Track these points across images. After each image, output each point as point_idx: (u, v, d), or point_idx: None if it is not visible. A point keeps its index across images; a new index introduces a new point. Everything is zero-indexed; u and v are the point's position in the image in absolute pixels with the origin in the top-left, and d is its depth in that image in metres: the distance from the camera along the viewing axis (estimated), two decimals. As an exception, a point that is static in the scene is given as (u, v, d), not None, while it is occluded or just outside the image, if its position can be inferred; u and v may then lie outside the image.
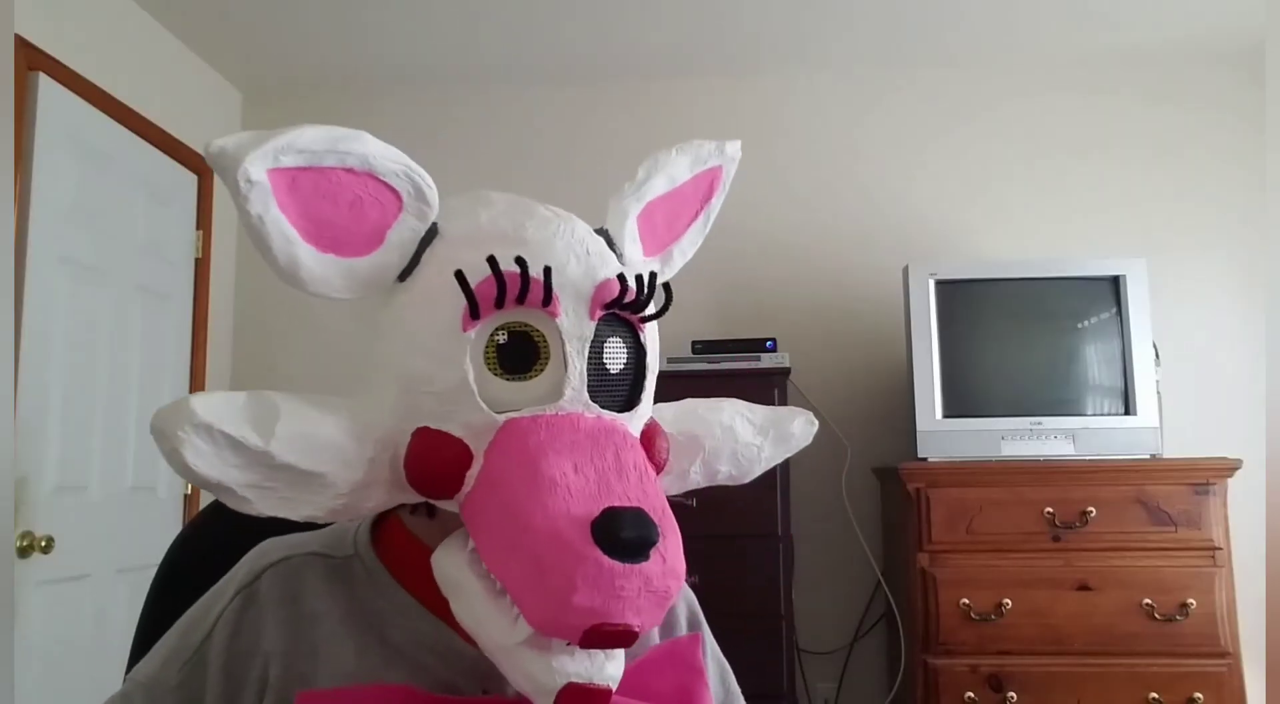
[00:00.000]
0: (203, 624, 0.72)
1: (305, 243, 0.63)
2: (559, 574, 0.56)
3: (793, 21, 2.72)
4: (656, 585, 0.58)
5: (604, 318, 0.67)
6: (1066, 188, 2.93)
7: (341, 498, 0.64)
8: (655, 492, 0.63)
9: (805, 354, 2.81)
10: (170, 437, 0.62)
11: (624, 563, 0.57)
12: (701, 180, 0.80)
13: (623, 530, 0.57)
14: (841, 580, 2.82)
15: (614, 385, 0.68)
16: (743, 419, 0.77)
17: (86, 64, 2.34)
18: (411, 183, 0.65)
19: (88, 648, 2.26)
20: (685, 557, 0.63)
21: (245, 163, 0.58)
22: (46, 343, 2.18)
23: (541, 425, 0.64)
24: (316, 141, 0.62)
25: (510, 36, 2.80)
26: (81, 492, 2.30)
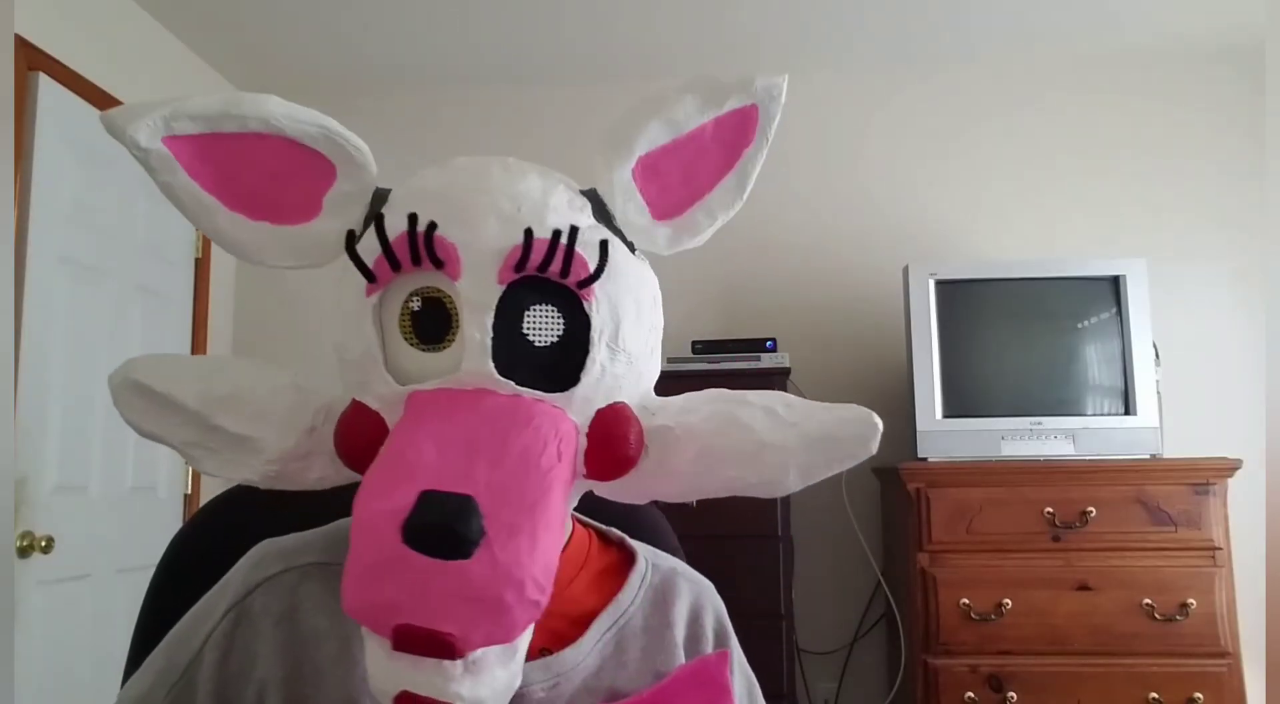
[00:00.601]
0: (191, 643, 0.66)
1: (230, 210, 0.62)
2: (361, 561, 0.51)
3: (793, 22, 2.72)
4: (479, 590, 0.50)
5: (527, 283, 0.60)
6: (1067, 188, 2.93)
7: (273, 464, 0.62)
8: (534, 484, 0.54)
9: (805, 354, 2.81)
10: (112, 391, 0.63)
11: (431, 558, 0.50)
12: (728, 124, 0.66)
13: (426, 519, 0.50)
14: (841, 580, 2.82)
15: (539, 360, 0.60)
16: (768, 414, 0.62)
17: (86, 64, 2.34)
18: (334, 145, 0.63)
19: (88, 648, 2.26)
20: (556, 560, 0.54)
21: (130, 131, 0.59)
22: (46, 343, 2.18)
23: (434, 399, 0.59)
24: (208, 107, 0.61)
25: (508, 36, 2.80)
26: (81, 492, 2.30)
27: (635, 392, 0.64)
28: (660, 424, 0.62)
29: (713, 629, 0.75)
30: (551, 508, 0.54)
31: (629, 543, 0.77)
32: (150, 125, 0.59)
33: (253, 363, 0.64)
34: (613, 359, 0.61)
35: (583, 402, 0.61)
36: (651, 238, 0.67)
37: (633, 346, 0.63)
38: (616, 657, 0.70)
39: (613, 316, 0.61)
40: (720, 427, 0.62)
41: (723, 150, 0.66)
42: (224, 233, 0.63)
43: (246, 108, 0.61)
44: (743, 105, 0.65)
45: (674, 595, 0.74)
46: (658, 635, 0.71)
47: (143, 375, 0.62)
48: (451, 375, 0.59)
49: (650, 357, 0.66)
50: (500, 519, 0.52)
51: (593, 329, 0.61)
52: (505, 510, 0.52)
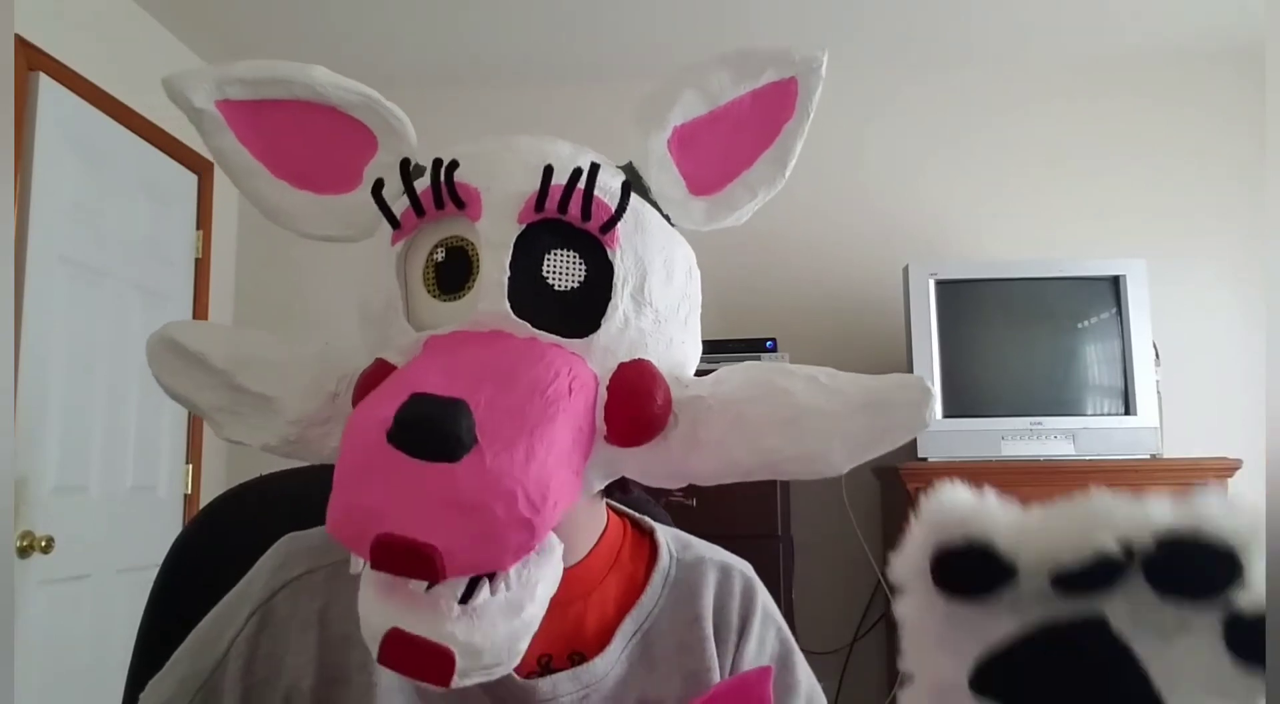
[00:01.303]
0: (216, 647, 0.64)
1: (275, 177, 0.63)
2: (346, 465, 0.49)
3: (793, 22, 2.72)
4: (463, 496, 0.46)
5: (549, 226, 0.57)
6: (1066, 188, 2.93)
7: (294, 426, 0.60)
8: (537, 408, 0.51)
9: (805, 354, 2.81)
10: (148, 351, 0.64)
11: (415, 459, 0.46)
12: (767, 97, 0.64)
13: (410, 415, 0.47)
14: (841, 580, 2.82)
15: (559, 304, 0.57)
16: (809, 381, 0.57)
17: (86, 64, 2.34)
18: (375, 115, 0.63)
19: (88, 648, 2.26)
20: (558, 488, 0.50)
21: (187, 92, 0.61)
22: (46, 343, 2.18)
23: (448, 340, 0.57)
24: (257, 71, 0.62)
25: (509, 36, 2.81)
26: (81, 492, 2.30)
27: (665, 358, 0.60)
28: (693, 394, 0.58)
29: (737, 613, 0.71)
30: (554, 433, 0.51)
31: (657, 535, 0.73)
32: (205, 88, 0.61)
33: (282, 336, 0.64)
34: (638, 312, 0.58)
35: (603, 352, 0.57)
36: (688, 212, 0.64)
37: (661, 305, 0.60)
38: (645, 661, 0.67)
39: (638, 267, 0.59)
40: (757, 393, 0.57)
41: (762, 124, 0.64)
42: (267, 199, 0.64)
43: (294, 73, 0.62)
44: (781, 78, 0.63)
45: (700, 587, 0.71)
46: (686, 632, 0.69)
47: (178, 334, 0.64)
48: (468, 318, 0.57)
49: (683, 326, 0.62)
50: (495, 432, 0.48)
51: (615, 276, 0.58)
52: (504, 426, 0.49)
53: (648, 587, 0.70)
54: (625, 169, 0.63)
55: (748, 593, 0.72)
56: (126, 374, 2.46)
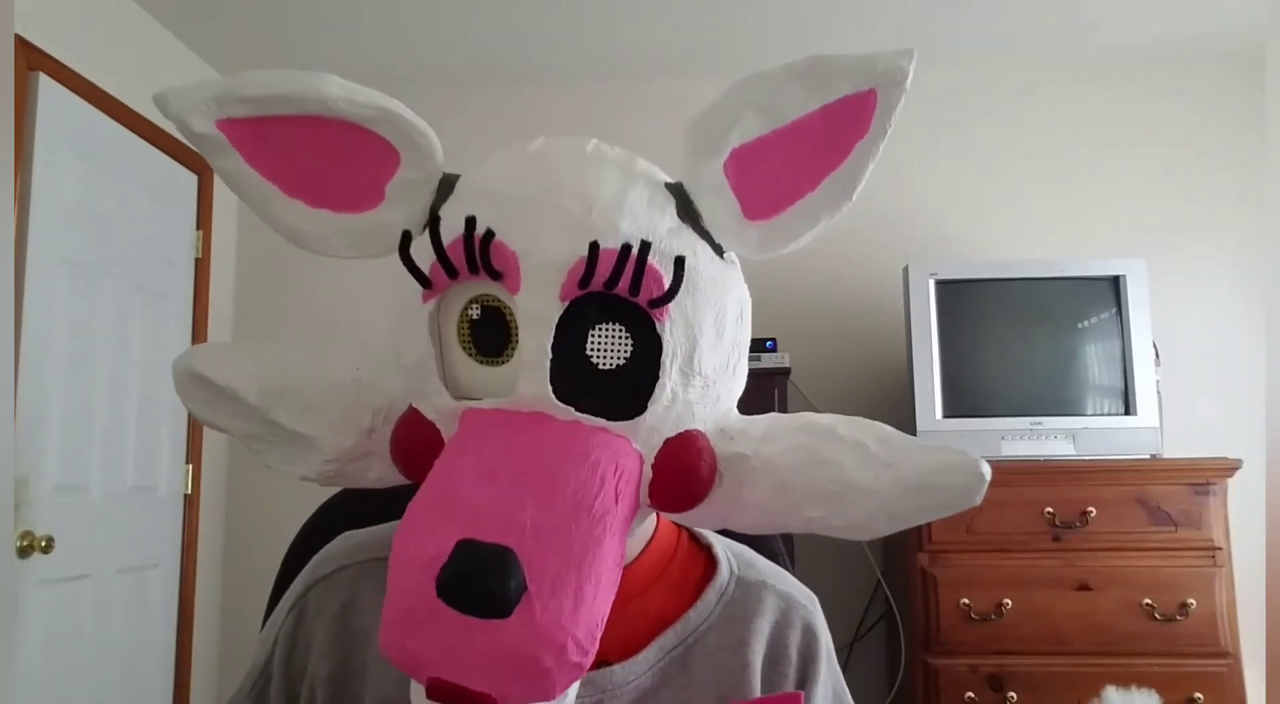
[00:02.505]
0: (267, 642, 0.68)
1: (288, 197, 0.59)
2: (394, 609, 0.48)
3: (793, 22, 2.72)
4: (514, 652, 0.46)
5: (593, 299, 0.54)
6: (1066, 188, 2.93)
7: (330, 464, 0.59)
8: (584, 533, 0.49)
9: (805, 354, 2.81)
10: (176, 382, 0.61)
11: (464, 615, 0.46)
12: (840, 113, 0.56)
13: (460, 573, 0.46)
14: (841, 580, 2.82)
15: (603, 385, 0.55)
16: (858, 450, 0.55)
17: (86, 64, 2.34)
18: (396, 129, 0.57)
19: (88, 648, 2.26)
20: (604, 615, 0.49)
21: (183, 115, 0.56)
22: (46, 343, 2.18)
23: (488, 421, 0.54)
24: (260, 88, 0.56)
25: (510, 36, 2.80)
26: (81, 492, 2.30)
27: (711, 416, 0.57)
28: (737, 451, 0.56)
29: (798, 650, 0.67)
30: (602, 560, 0.49)
31: (717, 550, 0.70)
32: (204, 108, 0.56)
33: (317, 353, 0.62)
34: (686, 385, 0.55)
35: (649, 431, 0.55)
36: (742, 240, 0.59)
37: (710, 369, 0.56)
38: (683, 677, 0.64)
39: (688, 337, 0.55)
40: (803, 461, 0.55)
41: (831, 143, 0.57)
42: (282, 220, 0.60)
43: (303, 89, 0.56)
44: (858, 91, 0.55)
45: (755, 611, 0.67)
46: (730, 655, 0.65)
47: (204, 367, 0.60)
48: (507, 396, 0.54)
49: (731, 376, 0.59)
50: (543, 572, 0.47)
51: (664, 353, 0.54)
52: (550, 561, 0.48)
53: (700, 601, 0.67)
54: (674, 190, 0.58)
55: (810, 632, 0.68)
56: (126, 374, 2.46)
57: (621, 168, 0.57)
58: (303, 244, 0.61)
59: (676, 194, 0.58)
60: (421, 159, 0.59)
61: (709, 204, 0.58)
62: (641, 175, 0.58)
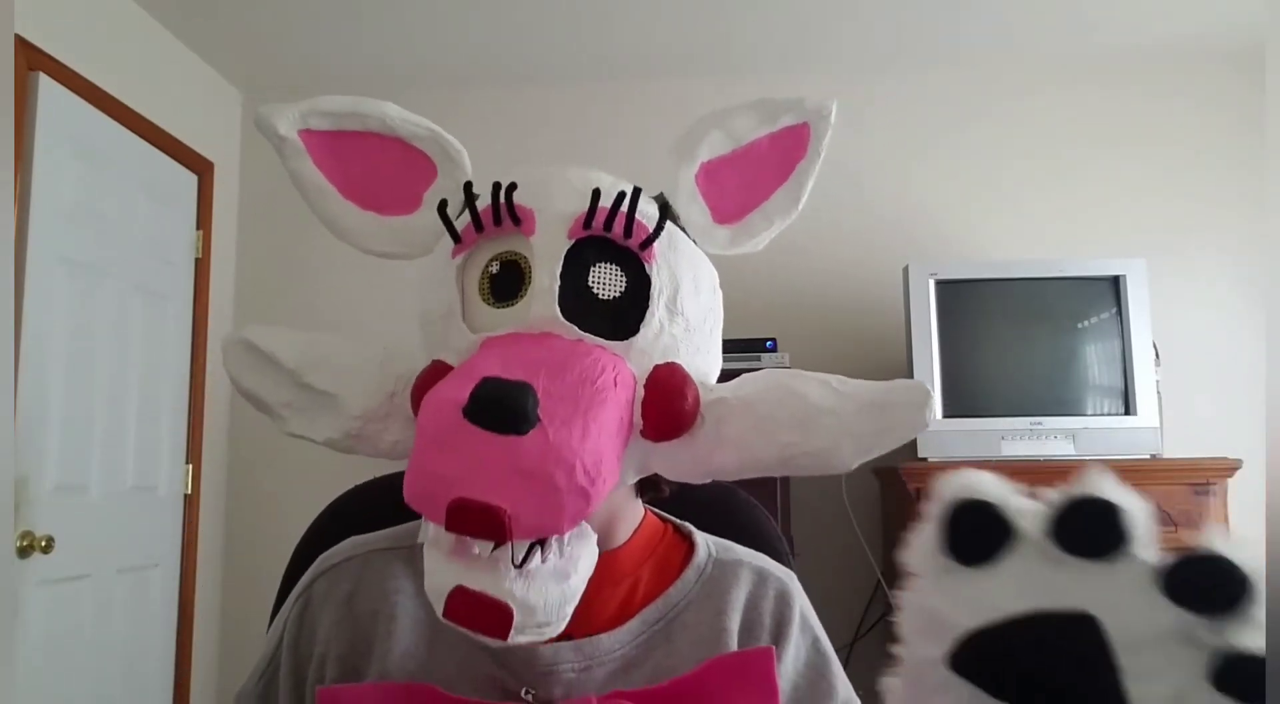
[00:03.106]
0: (275, 632, 0.74)
1: (344, 199, 0.71)
2: (425, 438, 0.56)
3: (792, 23, 2.72)
4: (528, 465, 0.53)
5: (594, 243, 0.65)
6: (1066, 188, 2.93)
7: (356, 421, 0.67)
8: (589, 394, 0.58)
9: (805, 354, 2.81)
10: (224, 349, 0.70)
11: (488, 431, 0.53)
12: (783, 139, 0.73)
13: (485, 394, 0.54)
14: (841, 580, 2.82)
15: (602, 311, 0.65)
16: (821, 384, 0.64)
17: (86, 64, 2.34)
18: (437, 146, 0.71)
19: (88, 648, 2.26)
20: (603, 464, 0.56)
21: (274, 121, 0.69)
22: (46, 343, 2.18)
23: (505, 338, 0.63)
24: (338, 105, 0.71)
25: (510, 36, 2.80)
26: (81, 492, 2.30)
27: (693, 364, 0.67)
28: (716, 396, 0.65)
29: (771, 615, 0.74)
30: (604, 415, 0.58)
31: (696, 537, 0.78)
32: (289, 118, 0.70)
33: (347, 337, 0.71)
34: (671, 320, 0.66)
35: (640, 353, 0.64)
36: (712, 238, 0.73)
37: (690, 315, 0.67)
38: (665, 647, 0.71)
39: (671, 280, 0.66)
40: (775, 396, 0.64)
41: (779, 162, 0.73)
42: (336, 218, 0.72)
43: (369, 108, 0.71)
44: (796, 122, 0.73)
45: (731, 585, 0.74)
46: (708, 626, 0.72)
47: (252, 335, 0.69)
48: (521, 322, 0.64)
49: (709, 336, 0.71)
50: (555, 413, 0.55)
51: (652, 288, 0.65)
52: (561, 407, 0.56)
53: (680, 580, 0.74)
54: (657, 199, 0.71)
55: (783, 598, 0.76)
56: (126, 374, 2.46)
57: (614, 178, 0.70)
58: (350, 240, 0.72)
59: (659, 200, 0.71)
60: (454, 170, 0.71)
61: (685, 206, 0.71)
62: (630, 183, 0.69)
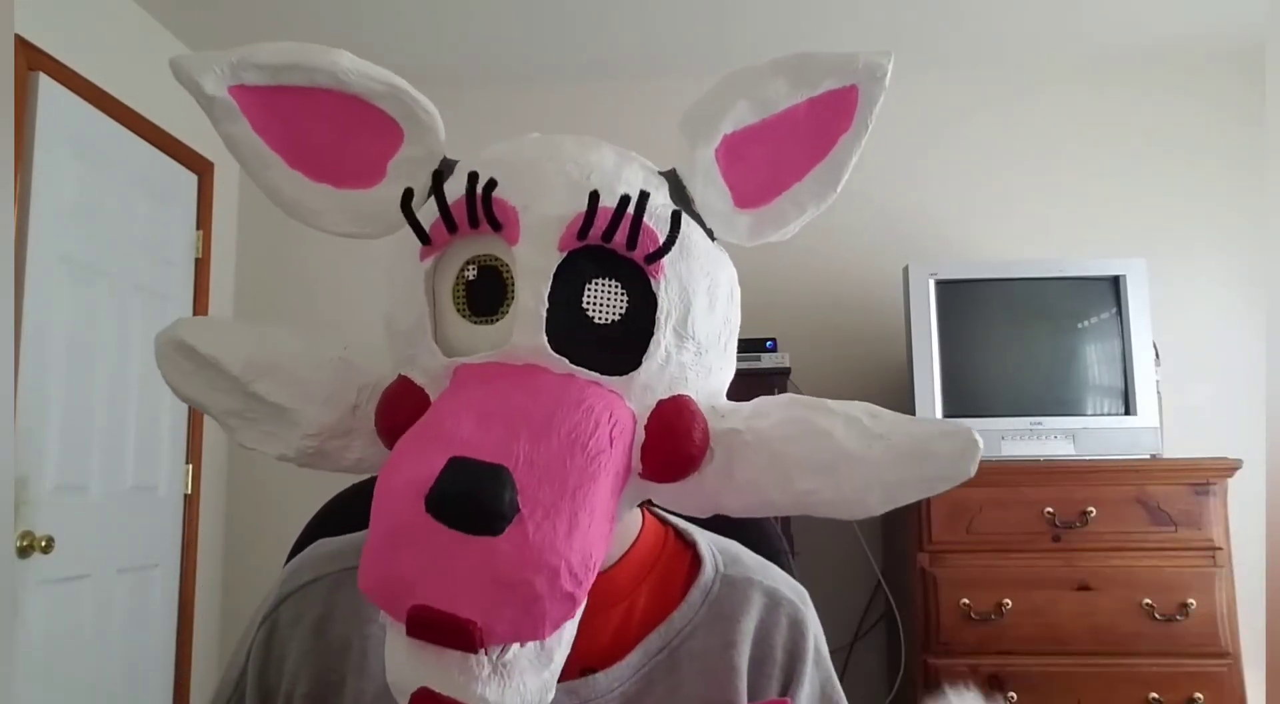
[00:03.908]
0: (238, 657, 0.67)
1: (290, 168, 0.59)
2: (381, 532, 0.46)
3: (792, 23, 2.72)
4: (504, 572, 0.44)
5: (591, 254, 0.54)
6: (1066, 188, 2.93)
7: (311, 439, 0.57)
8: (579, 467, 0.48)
9: (805, 354, 2.81)
10: (157, 351, 0.61)
11: (455, 531, 0.44)
12: (824, 106, 0.59)
13: (450, 486, 0.44)
14: (841, 580, 2.82)
15: (598, 339, 0.54)
16: (850, 423, 0.53)
17: (86, 64, 2.34)
18: (401, 106, 0.59)
19: (88, 648, 2.26)
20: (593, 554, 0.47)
21: (196, 77, 0.56)
22: (46, 343, 2.18)
23: (481, 372, 0.53)
24: (276, 56, 0.57)
25: (510, 36, 2.80)
26: (81, 492, 2.30)
27: (703, 388, 0.57)
28: (729, 427, 0.55)
29: (784, 648, 0.66)
30: (596, 495, 0.48)
31: (701, 547, 0.69)
32: (217, 72, 0.57)
33: (305, 333, 0.61)
34: (679, 346, 0.55)
35: (642, 389, 0.55)
36: (732, 226, 0.61)
37: (703, 335, 0.56)
38: (668, 682, 0.62)
39: (682, 298, 0.55)
40: (796, 433, 0.54)
41: (816, 135, 0.60)
42: (281, 191, 0.60)
43: (316, 59, 0.57)
44: (840, 86, 0.59)
45: (741, 610, 0.66)
46: (716, 657, 0.63)
47: (189, 336, 0.59)
48: (502, 348, 0.54)
49: (723, 352, 0.60)
50: (537, 497, 0.46)
51: (659, 310, 0.54)
52: (544, 489, 0.46)
53: (684, 602, 0.65)
54: (668, 176, 0.59)
55: (797, 628, 0.67)
56: (126, 374, 2.46)
57: (617, 151, 0.59)
58: (299, 216, 0.61)
59: (670, 179, 0.60)
60: (425, 135, 0.60)
61: (701, 189, 0.59)
62: (636, 159, 0.60)
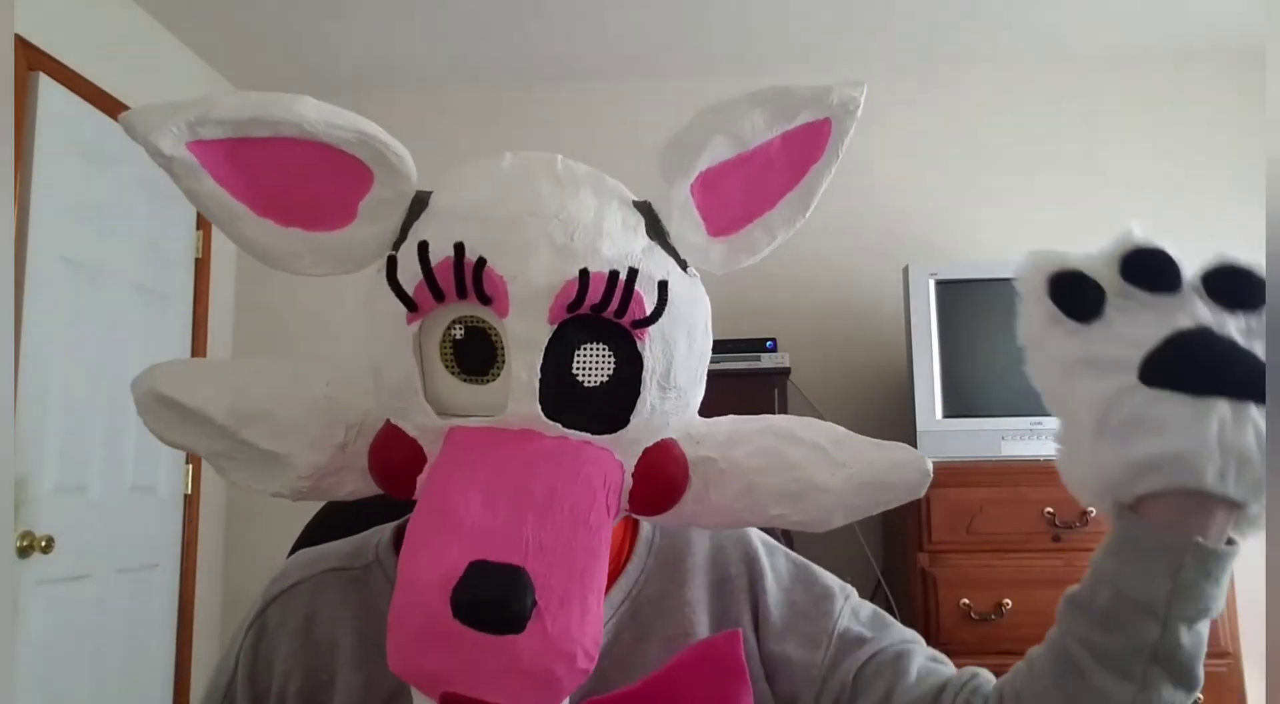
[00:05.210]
0: (227, 663, 0.69)
1: (258, 217, 0.59)
2: (408, 629, 0.50)
3: (792, 24, 2.72)
4: (528, 665, 0.49)
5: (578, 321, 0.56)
6: (1066, 187, 2.93)
7: (305, 480, 0.60)
8: (584, 547, 0.52)
9: (805, 354, 2.81)
10: (138, 404, 0.61)
11: (481, 633, 0.48)
12: (798, 139, 0.62)
13: (477, 595, 0.48)
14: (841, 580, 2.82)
15: (588, 402, 0.57)
16: (816, 452, 0.60)
17: (86, 64, 2.34)
18: (371, 151, 0.59)
19: (88, 648, 2.26)
20: None
21: (152, 138, 0.55)
22: (46, 343, 2.18)
23: (478, 440, 0.56)
24: (237, 111, 0.57)
25: (508, 36, 2.80)
26: (81, 492, 2.30)
27: (680, 421, 0.61)
28: (704, 455, 0.60)
29: (741, 560, 0.71)
30: (599, 570, 0.53)
31: None
32: (174, 131, 0.55)
33: (285, 370, 0.61)
34: (663, 398, 0.59)
35: (630, 443, 0.59)
36: (706, 256, 0.63)
37: (683, 381, 0.60)
38: (631, 628, 0.68)
39: (665, 354, 0.58)
40: (767, 464, 0.59)
41: (789, 166, 0.63)
42: (252, 241, 0.59)
43: (279, 112, 0.57)
44: (815, 119, 0.61)
45: (685, 551, 0.71)
46: (670, 598, 0.69)
47: (167, 388, 0.60)
48: (496, 415, 0.56)
49: (698, 384, 0.63)
50: (551, 588, 0.50)
51: (645, 370, 0.58)
52: (556, 577, 0.50)
53: (632, 557, 0.70)
54: (642, 209, 0.61)
55: (741, 541, 0.73)
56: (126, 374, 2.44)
57: (594, 189, 0.60)
58: (272, 263, 0.60)
59: (645, 213, 0.61)
60: (395, 178, 0.60)
61: (676, 223, 0.61)
62: (613, 195, 0.60)
